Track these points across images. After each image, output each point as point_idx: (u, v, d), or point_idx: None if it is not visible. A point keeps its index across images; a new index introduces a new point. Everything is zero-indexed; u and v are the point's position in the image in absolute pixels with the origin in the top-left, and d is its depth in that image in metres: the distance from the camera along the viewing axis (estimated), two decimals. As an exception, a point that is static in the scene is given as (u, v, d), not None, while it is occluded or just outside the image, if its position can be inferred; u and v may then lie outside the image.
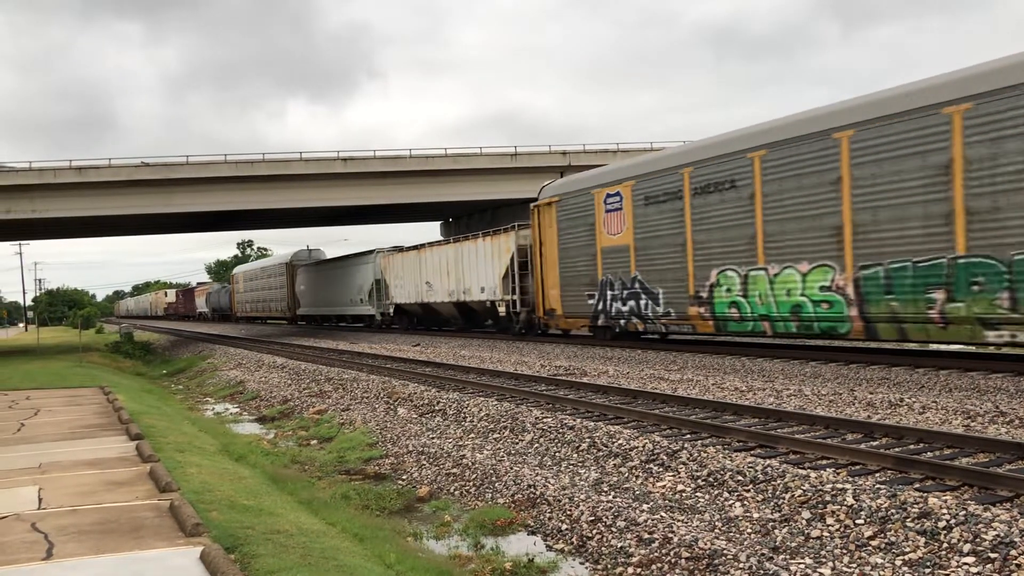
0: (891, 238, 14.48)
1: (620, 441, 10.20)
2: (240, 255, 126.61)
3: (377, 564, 6.84)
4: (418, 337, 31.88)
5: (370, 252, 40.66)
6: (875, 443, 9.21)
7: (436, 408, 14.52)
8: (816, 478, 7.73)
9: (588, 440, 10.63)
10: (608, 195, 21.93)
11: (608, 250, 22.02)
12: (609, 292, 22.06)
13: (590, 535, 7.70)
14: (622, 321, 21.69)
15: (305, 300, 49.57)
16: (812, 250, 15.99)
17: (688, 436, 10.29)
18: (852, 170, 15.00)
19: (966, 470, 7.53)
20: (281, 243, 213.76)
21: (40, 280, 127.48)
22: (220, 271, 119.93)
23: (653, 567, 6.81)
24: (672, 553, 6.85)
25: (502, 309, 28.21)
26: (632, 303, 21.14)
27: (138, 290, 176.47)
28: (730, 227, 17.89)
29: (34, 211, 35.14)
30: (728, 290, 18.10)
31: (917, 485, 7.46)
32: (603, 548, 7.41)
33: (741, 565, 6.34)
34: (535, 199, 25.33)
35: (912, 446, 8.96)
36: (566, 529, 8.00)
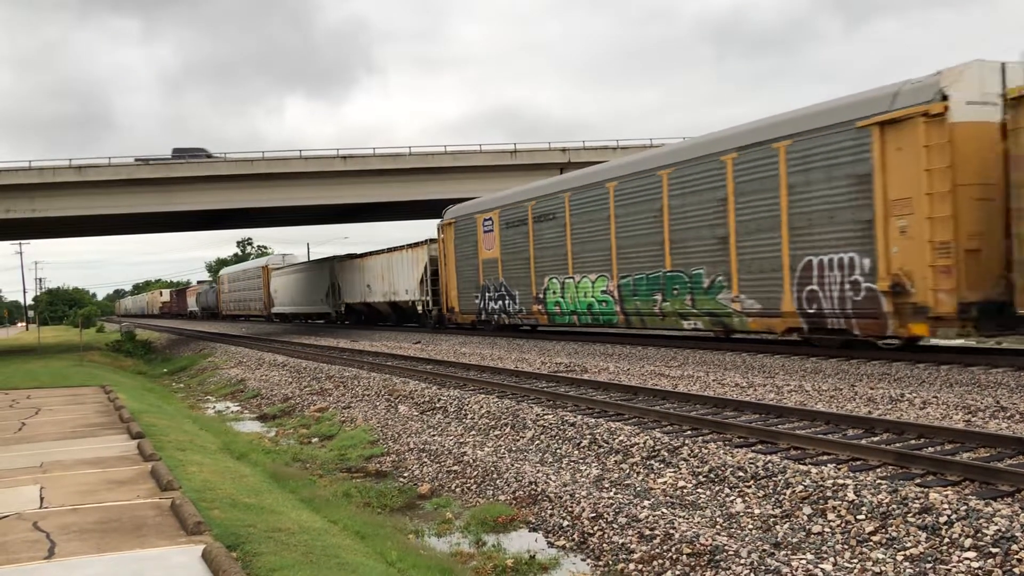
0: (635, 258, 21.07)
1: (621, 438, 10.20)
2: (240, 253, 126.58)
3: (379, 562, 6.84)
4: (418, 335, 31.94)
5: (327, 259, 47.05)
6: (876, 439, 9.21)
7: (437, 405, 14.53)
8: (817, 474, 7.73)
9: (589, 437, 10.64)
10: (485, 219, 28.44)
11: (485, 262, 28.55)
12: (487, 294, 28.61)
13: (591, 532, 7.71)
14: (495, 316, 28.08)
15: (278, 300, 56.32)
16: (598, 265, 22.62)
17: (689, 432, 10.30)
18: (616, 210, 21.66)
19: (967, 465, 7.54)
20: (281, 241, 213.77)
21: (40, 279, 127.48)
22: (220, 269, 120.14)
23: (655, 563, 6.82)
24: (673, 549, 6.85)
25: (419, 307, 34.78)
26: (500, 302, 27.82)
27: (138, 289, 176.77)
28: (554, 247, 24.60)
29: (34, 210, 35.12)
30: (554, 293, 24.78)
31: (918, 480, 7.47)
32: (604, 544, 7.42)
33: (742, 561, 6.35)
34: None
35: (913, 441, 8.96)
36: (567, 526, 8.00)
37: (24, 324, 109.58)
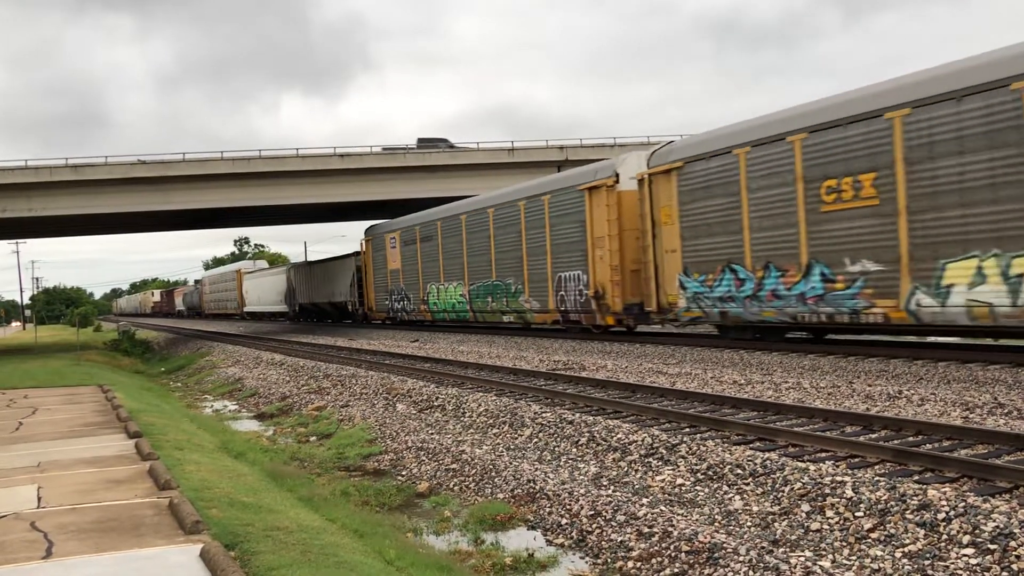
0: (478, 271, 29.25)
1: (619, 435, 10.20)
2: (237, 252, 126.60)
3: (377, 560, 6.84)
4: (416, 333, 31.98)
5: (286, 266, 57.54)
6: (874, 435, 9.22)
7: (435, 404, 14.52)
8: (815, 471, 7.74)
9: (587, 434, 10.64)
10: (391, 238, 37.18)
11: (391, 271, 37.12)
12: (393, 296, 36.98)
13: (590, 529, 7.71)
14: (399, 314, 36.52)
15: (249, 300, 65.13)
16: (457, 275, 30.78)
17: (687, 430, 10.30)
18: (467, 236, 29.78)
19: (965, 462, 7.55)
20: (279, 240, 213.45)
21: (37, 278, 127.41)
22: (217, 267, 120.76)
23: (653, 561, 6.82)
24: (672, 547, 6.85)
25: (350, 307, 42.73)
26: (402, 303, 36.13)
27: (136, 288, 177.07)
28: (432, 261, 32.72)
29: (31, 210, 35.05)
30: (433, 295, 32.80)
31: (916, 477, 7.48)
32: (603, 542, 7.42)
33: (741, 558, 6.35)
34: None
35: (911, 438, 8.97)
36: (566, 524, 8.00)
37: (19, 323, 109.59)
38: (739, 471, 8.30)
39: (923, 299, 13.85)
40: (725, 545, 6.58)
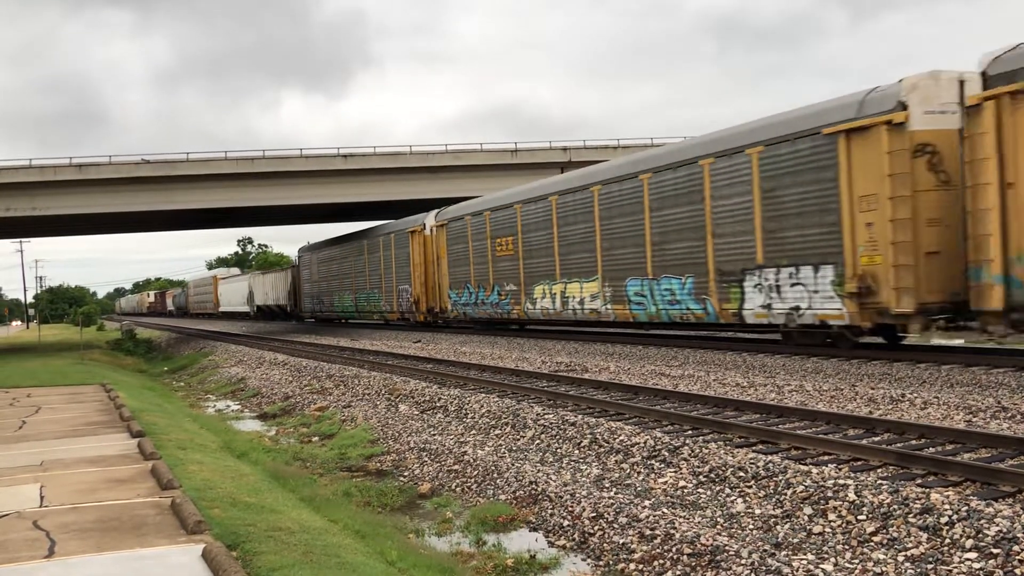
0: (361, 283, 39.69)
1: (621, 437, 10.19)
2: (240, 252, 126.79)
3: (379, 561, 6.83)
4: (418, 334, 31.99)
5: (247, 272, 74.35)
6: (877, 439, 9.20)
7: (437, 405, 14.52)
8: (818, 474, 7.72)
9: (589, 436, 10.63)
10: (315, 256, 47.97)
11: (314, 282, 48.11)
12: (315, 300, 47.93)
13: (592, 531, 7.70)
14: (319, 314, 47.81)
15: (222, 302, 75.73)
16: (349, 287, 41.51)
17: (689, 432, 10.29)
18: (355, 258, 40.52)
19: (968, 466, 7.53)
20: (282, 240, 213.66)
21: (41, 278, 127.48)
22: (220, 267, 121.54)
23: (655, 563, 6.81)
24: (674, 549, 6.84)
25: (288, 309, 54.29)
26: (320, 305, 47.18)
27: (138, 287, 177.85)
28: (339, 276, 43.49)
29: (34, 209, 35.09)
30: (339, 300, 43.66)
31: (919, 481, 7.46)
32: (605, 544, 7.41)
33: (743, 561, 6.34)
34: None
35: (914, 442, 8.95)
36: (568, 526, 7.99)
37: (20, 323, 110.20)
38: (741, 474, 8.29)
39: (527, 305, 26.19)
40: (727, 548, 6.57)
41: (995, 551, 5.86)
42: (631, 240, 20.92)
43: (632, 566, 6.91)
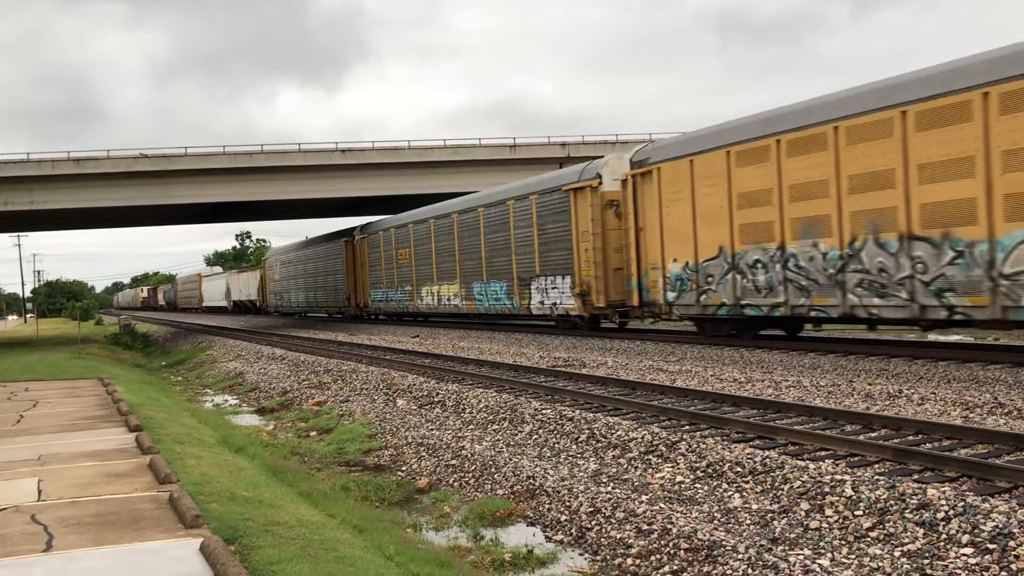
0: (309, 285, 48.72)
1: (619, 432, 10.21)
2: (239, 247, 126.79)
3: (377, 555, 6.85)
4: (416, 328, 32.02)
5: (224, 271, 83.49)
6: (874, 434, 9.23)
7: (435, 399, 14.53)
8: (815, 469, 7.74)
9: (587, 431, 10.64)
10: (278, 260, 55.96)
11: (277, 281, 55.43)
12: (279, 297, 54.97)
13: (589, 526, 7.71)
14: (280, 308, 55.25)
15: (205, 297, 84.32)
16: (302, 287, 49.82)
17: (687, 427, 10.31)
18: (291, 265, 52.60)
19: (965, 461, 7.55)
20: (281, 235, 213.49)
21: (39, 272, 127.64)
22: (219, 262, 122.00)
23: (652, 558, 6.82)
24: (671, 544, 6.86)
25: (258, 303, 62.27)
26: (281, 301, 54.53)
27: (137, 281, 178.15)
28: (293, 277, 51.48)
29: (32, 203, 35.05)
30: (291, 297, 52.03)
31: (916, 476, 7.48)
32: (602, 539, 7.43)
33: (740, 556, 6.35)
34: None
35: (911, 437, 8.97)
36: (565, 520, 8.01)
37: (15, 317, 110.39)
38: (739, 469, 8.31)
39: (418, 301, 33.87)
40: (724, 543, 6.59)
41: (991, 546, 5.88)
42: (474, 255, 29.33)
43: (629, 561, 6.92)
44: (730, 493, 7.96)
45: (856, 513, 6.86)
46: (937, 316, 13.83)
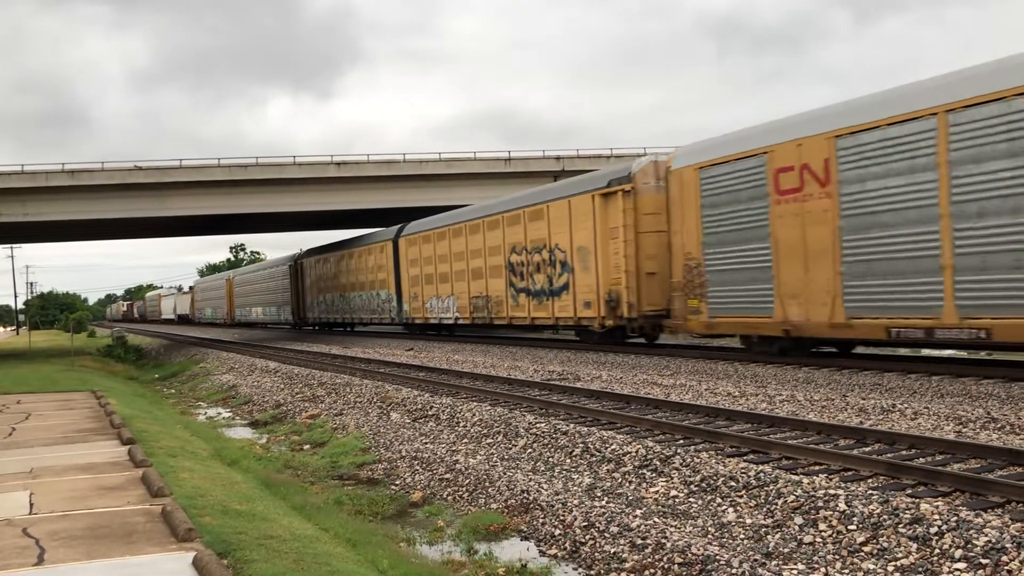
0: (267, 300, 57.77)
1: (613, 446, 10.20)
2: (233, 259, 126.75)
3: (370, 569, 6.83)
4: (411, 342, 31.96)
5: (190, 288, 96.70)
6: (867, 449, 9.24)
7: (429, 413, 14.51)
8: (809, 484, 7.75)
9: (581, 445, 10.64)
10: (237, 278, 68.06)
11: (238, 295, 65.72)
12: (244, 309, 63.63)
13: (583, 540, 7.70)
14: (244, 319, 63.95)
15: (162, 311, 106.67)
16: (256, 302, 60.75)
17: (681, 441, 10.31)
18: (247, 284, 64.86)
19: (958, 476, 7.56)
20: (276, 247, 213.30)
21: (32, 283, 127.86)
22: (211, 274, 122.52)
23: (646, 572, 6.82)
24: (665, 559, 6.85)
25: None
26: (247, 313, 62.55)
27: (130, 293, 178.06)
28: (251, 294, 62.15)
29: (26, 214, 35.00)
30: (257, 310, 60.36)
31: (909, 491, 7.49)
32: (596, 553, 7.42)
33: (734, 571, 6.35)
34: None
35: (904, 452, 8.99)
36: (559, 534, 8.00)
37: (3, 328, 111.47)
38: (733, 483, 8.31)
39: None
40: (718, 557, 6.59)
41: (984, 561, 5.89)
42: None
43: (623, 575, 6.91)
44: (724, 507, 7.96)
45: (850, 528, 6.87)
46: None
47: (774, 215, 16.50)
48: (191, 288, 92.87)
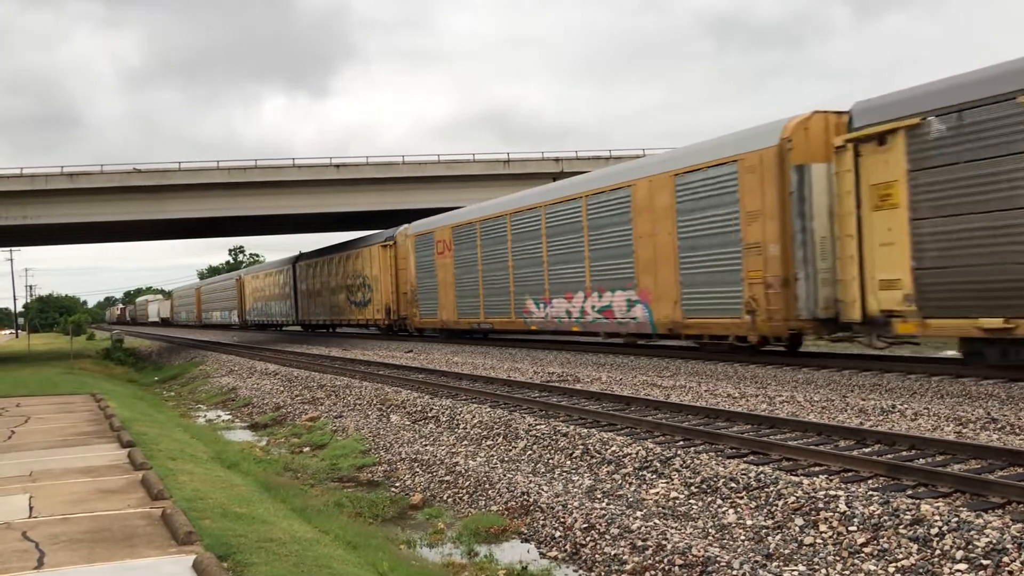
0: (228, 306, 71.08)
1: (613, 448, 10.20)
2: (232, 261, 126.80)
3: (370, 572, 6.82)
4: (411, 343, 31.97)
5: (169, 293, 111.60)
6: (867, 450, 9.24)
7: (429, 415, 14.50)
8: (809, 485, 7.75)
9: (581, 447, 10.63)
10: (204, 289, 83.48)
11: (204, 301, 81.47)
12: (208, 314, 78.90)
13: (583, 542, 7.70)
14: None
15: (149, 315, 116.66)
16: (223, 306, 73.50)
17: (681, 443, 10.30)
18: (236, 289, 70.12)
19: (958, 477, 7.56)
20: (275, 249, 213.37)
21: (31, 286, 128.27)
22: (211, 277, 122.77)
23: (647, 574, 6.81)
24: (666, 560, 6.85)
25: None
26: (211, 317, 77.30)
27: (129, 296, 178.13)
28: (227, 300, 72.69)
29: (25, 217, 35.01)
30: (223, 314, 72.27)
31: (909, 492, 7.49)
32: (596, 555, 7.41)
33: (735, 572, 6.35)
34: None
35: (904, 453, 8.99)
36: (560, 536, 7.99)
37: (5, 332, 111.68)
38: (733, 485, 8.31)
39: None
40: (719, 559, 6.58)
41: (985, 562, 5.88)
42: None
43: (624, 577, 6.91)
44: (724, 509, 7.95)
45: (850, 529, 6.87)
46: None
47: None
48: (170, 295, 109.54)
